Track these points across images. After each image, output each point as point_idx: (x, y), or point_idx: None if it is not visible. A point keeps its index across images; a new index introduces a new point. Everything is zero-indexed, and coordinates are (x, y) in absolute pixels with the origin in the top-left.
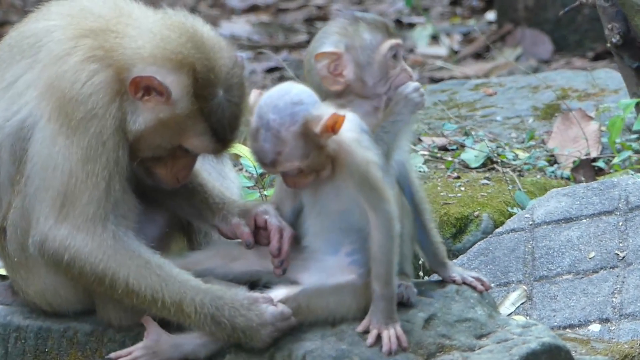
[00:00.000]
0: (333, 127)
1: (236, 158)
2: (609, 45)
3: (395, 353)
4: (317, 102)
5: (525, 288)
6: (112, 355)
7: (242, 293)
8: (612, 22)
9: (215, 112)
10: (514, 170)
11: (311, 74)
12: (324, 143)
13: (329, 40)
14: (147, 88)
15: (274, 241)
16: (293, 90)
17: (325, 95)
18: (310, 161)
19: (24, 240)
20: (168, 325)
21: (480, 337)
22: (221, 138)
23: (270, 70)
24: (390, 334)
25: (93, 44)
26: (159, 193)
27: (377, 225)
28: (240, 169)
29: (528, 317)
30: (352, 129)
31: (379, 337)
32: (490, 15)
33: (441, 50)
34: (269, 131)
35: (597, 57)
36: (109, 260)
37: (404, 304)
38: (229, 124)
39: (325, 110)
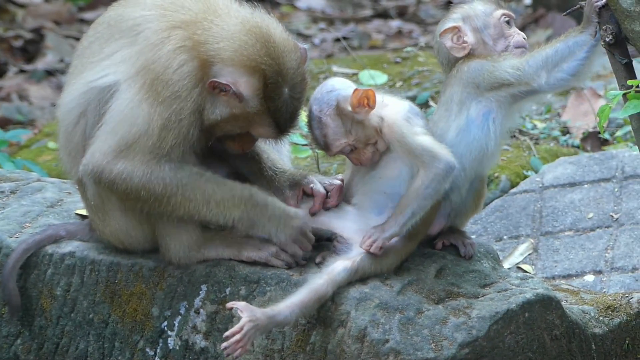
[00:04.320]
0: (365, 102)
1: None
2: (602, 44)
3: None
4: (349, 86)
5: (533, 241)
6: (228, 333)
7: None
8: (606, 24)
9: (280, 109)
10: (531, 138)
11: (440, 51)
12: (362, 118)
13: (448, 19)
14: (224, 89)
15: (317, 205)
16: (328, 82)
17: (455, 64)
18: (356, 136)
19: (99, 187)
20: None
21: (484, 286)
22: (283, 128)
23: (338, 39)
24: (376, 242)
25: (183, 34)
26: (224, 154)
27: (425, 173)
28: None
29: (533, 267)
30: (400, 110)
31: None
32: (527, 0)
33: None
34: (314, 120)
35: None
36: (167, 182)
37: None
38: (291, 117)
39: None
